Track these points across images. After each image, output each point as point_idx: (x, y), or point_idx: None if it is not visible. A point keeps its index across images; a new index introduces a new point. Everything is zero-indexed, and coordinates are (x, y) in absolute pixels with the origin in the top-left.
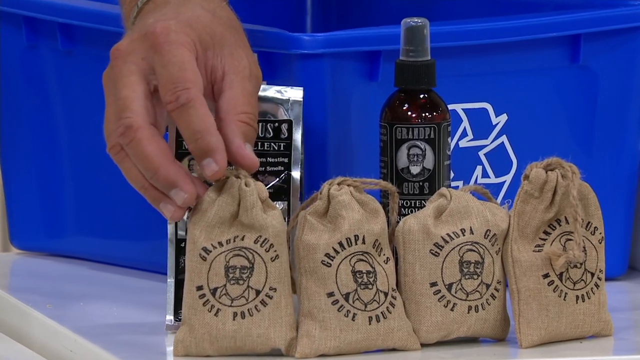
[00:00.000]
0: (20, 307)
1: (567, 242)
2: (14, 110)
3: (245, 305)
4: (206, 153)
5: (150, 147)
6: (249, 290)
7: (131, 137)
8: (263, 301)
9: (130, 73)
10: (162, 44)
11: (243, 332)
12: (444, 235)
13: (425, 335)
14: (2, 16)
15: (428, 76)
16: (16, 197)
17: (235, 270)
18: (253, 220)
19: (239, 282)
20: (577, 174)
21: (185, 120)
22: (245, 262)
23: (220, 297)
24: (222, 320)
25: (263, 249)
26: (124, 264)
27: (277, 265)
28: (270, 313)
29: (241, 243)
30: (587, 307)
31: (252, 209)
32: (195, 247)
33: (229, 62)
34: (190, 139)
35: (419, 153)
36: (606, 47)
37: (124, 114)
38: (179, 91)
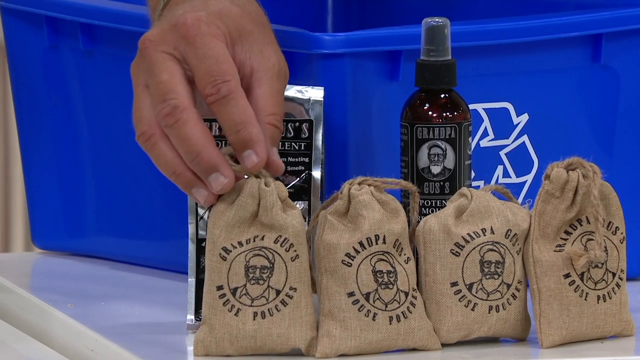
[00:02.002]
0: (42, 306)
1: (588, 242)
2: (35, 109)
3: (266, 305)
4: (247, 144)
5: (196, 129)
6: (269, 290)
7: (177, 118)
8: (283, 301)
9: (165, 59)
10: (195, 35)
11: (263, 332)
12: (464, 235)
13: (445, 335)
14: (24, 16)
15: (449, 76)
16: (38, 197)
17: (256, 270)
18: (273, 220)
19: (259, 282)
20: (599, 173)
21: (226, 112)
22: (265, 262)
23: (241, 297)
24: (242, 320)
25: (283, 249)
26: (145, 264)
27: (297, 265)
28: (291, 313)
29: (261, 243)
30: (608, 307)
31: (271, 209)
32: (215, 247)
33: (258, 59)
34: (232, 130)
35: (440, 153)
36: (627, 47)
37: (169, 95)
38: (219, 84)
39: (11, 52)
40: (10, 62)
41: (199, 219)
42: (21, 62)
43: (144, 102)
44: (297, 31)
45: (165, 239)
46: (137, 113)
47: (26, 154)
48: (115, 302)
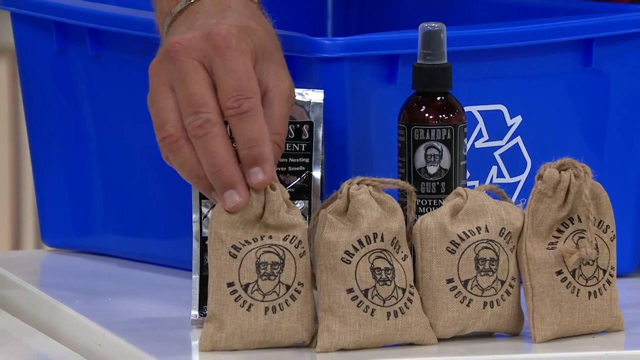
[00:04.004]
0: (51, 302)
1: (580, 240)
2: (44, 112)
3: (277, 299)
4: (257, 162)
5: (222, 144)
6: (280, 285)
7: (208, 131)
8: (292, 296)
9: (197, 69)
10: (226, 47)
11: (274, 326)
12: (460, 233)
13: (441, 330)
14: (34, 22)
15: (445, 79)
16: (47, 197)
17: (267, 266)
18: (281, 221)
19: (270, 278)
20: (590, 173)
21: (243, 127)
22: (276, 258)
23: (252, 292)
24: (254, 315)
25: (292, 246)
26: (151, 261)
27: (304, 262)
28: (299, 307)
29: (269, 241)
30: (599, 303)
31: (278, 212)
32: (225, 246)
33: (274, 80)
34: (245, 145)
35: (436, 153)
36: (618, 51)
37: (203, 108)
38: (241, 99)
39: (21, 56)
40: (20, 66)
41: (203, 217)
42: (31, 66)
43: (168, 102)
44: (298, 36)
45: (170, 237)
46: (161, 114)
47: (36, 155)
48: (122, 298)
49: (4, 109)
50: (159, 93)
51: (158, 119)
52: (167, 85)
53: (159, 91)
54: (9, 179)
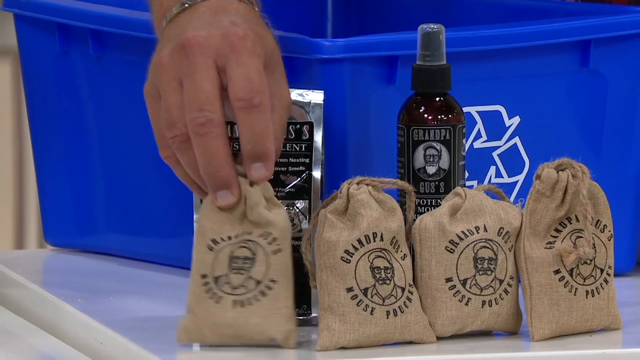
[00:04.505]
0: (53, 301)
1: (578, 240)
2: (47, 112)
3: (245, 294)
4: (260, 158)
5: (221, 145)
6: (250, 280)
7: (209, 131)
8: (262, 292)
9: (208, 67)
10: (242, 47)
11: (241, 320)
12: (458, 233)
13: (440, 328)
14: (37, 23)
15: (444, 80)
16: (50, 196)
17: (238, 260)
18: (259, 217)
19: (241, 272)
20: (587, 173)
21: (251, 121)
22: (248, 252)
23: (223, 285)
24: (222, 307)
25: (266, 242)
26: (152, 260)
27: (279, 259)
28: (269, 304)
29: (248, 237)
30: (596, 302)
31: (255, 207)
32: (205, 238)
33: (275, 88)
34: (251, 140)
35: (435, 154)
36: (615, 52)
37: (208, 107)
38: (254, 93)
39: (24, 57)
40: (23, 67)
41: None
42: (34, 67)
43: (178, 98)
44: (298, 37)
45: (171, 236)
46: (172, 110)
47: (38, 156)
48: (124, 297)
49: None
50: (170, 88)
51: (169, 115)
52: (177, 81)
53: (169, 86)
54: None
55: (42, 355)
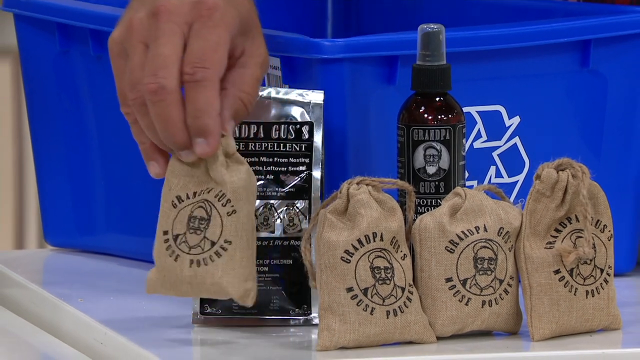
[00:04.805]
0: (53, 301)
1: (578, 240)
2: (47, 112)
3: (201, 254)
4: (201, 133)
5: (175, 113)
6: (205, 240)
7: (162, 98)
8: (217, 252)
9: (173, 33)
10: (208, 18)
11: (198, 279)
12: (458, 233)
13: (440, 328)
14: (37, 23)
15: (444, 80)
16: (50, 196)
17: (195, 221)
18: (215, 175)
19: (197, 232)
20: (587, 173)
21: (193, 96)
22: (203, 213)
23: (180, 244)
24: (180, 265)
25: (220, 204)
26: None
27: (234, 220)
28: (223, 265)
29: (206, 196)
30: (596, 302)
31: (213, 164)
32: (170, 194)
33: (249, 45)
34: (191, 115)
35: (435, 154)
36: (615, 52)
37: (161, 72)
38: (199, 67)
39: (24, 57)
40: (23, 67)
41: None
42: (34, 67)
43: (141, 61)
44: (298, 37)
45: None
46: (134, 72)
47: (38, 156)
48: (124, 297)
49: (7, 109)
50: (137, 50)
51: (132, 76)
52: (144, 44)
53: (136, 48)
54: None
55: (42, 355)
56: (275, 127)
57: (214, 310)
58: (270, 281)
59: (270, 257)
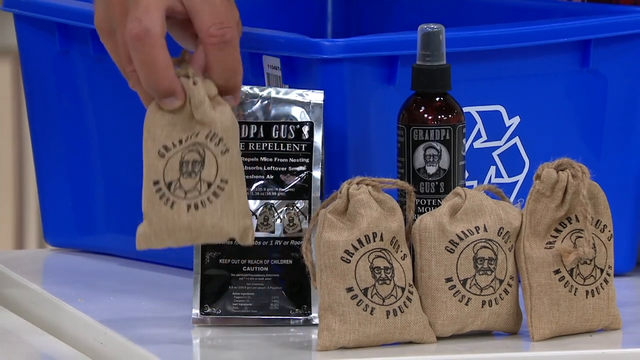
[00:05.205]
0: (54, 301)
1: (578, 240)
2: (47, 112)
3: (198, 197)
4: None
5: (161, 57)
6: (201, 182)
7: (146, 42)
8: (215, 193)
9: None
10: None
11: (197, 223)
12: (458, 233)
13: (440, 328)
14: (37, 23)
15: (444, 80)
16: (50, 196)
17: (188, 165)
18: (202, 116)
19: (192, 176)
20: (587, 174)
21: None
22: (197, 156)
23: (175, 190)
24: (177, 212)
25: (212, 143)
26: (152, 260)
27: (228, 159)
28: (223, 204)
29: (195, 139)
30: (596, 302)
31: (200, 106)
32: (155, 145)
33: None
34: (223, 75)
35: (435, 154)
36: (615, 52)
37: (144, 16)
38: (225, 28)
39: (24, 57)
40: (23, 67)
41: None
42: (34, 67)
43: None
44: (299, 37)
45: None
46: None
47: (38, 156)
48: (124, 297)
49: (7, 109)
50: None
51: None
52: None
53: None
54: (12, 179)
55: (42, 355)
56: (275, 127)
57: (214, 310)
58: (270, 281)
59: (270, 257)
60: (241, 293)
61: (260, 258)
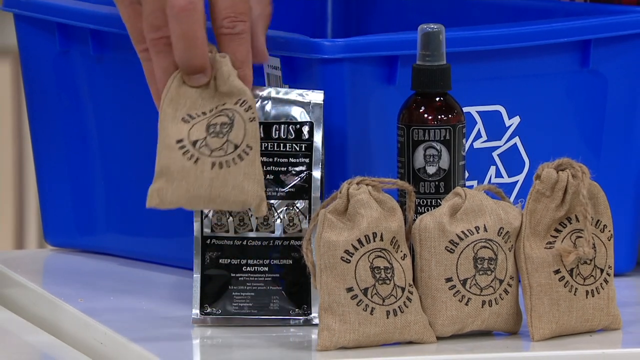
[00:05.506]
0: (54, 300)
1: (578, 240)
2: (47, 113)
3: (224, 156)
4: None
5: (200, 33)
6: (228, 143)
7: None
8: (240, 155)
9: None
10: None
11: (219, 182)
12: (458, 233)
13: (440, 328)
14: (37, 23)
15: (444, 80)
16: (50, 196)
17: (216, 126)
18: (231, 87)
19: (219, 136)
20: (587, 173)
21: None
22: (225, 119)
23: (201, 147)
24: (200, 168)
25: (242, 109)
26: (152, 260)
27: (254, 127)
28: (246, 167)
29: (222, 107)
30: (596, 302)
31: (229, 77)
32: (177, 113)
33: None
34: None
35: (435, 154)
36: (615, 52)
37: None
38: (237, 21)
39: (24, 57)
40: (23, 67)
41: (204, 217)
42: (34, 67)
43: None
44: (299, 37)
45: (171, 236)
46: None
47: (38, 156)
48: (124, 297)
49: (7, 109)
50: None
51: (155, 18)
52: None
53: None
54: (12, 179)
55: (42, 355)
56: (275, 127)
57: (214, 310)
58: (270, 281)
59: (270, 257)
60: (241, 293)
61: (260, 258)
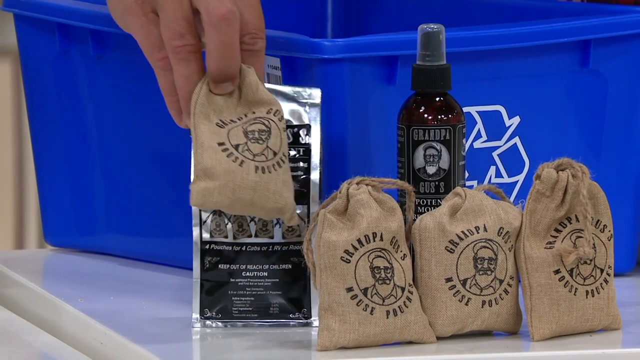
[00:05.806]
0: (54, 301)
1: (578, 240)
2: (47, 112)
3: (265, 162)
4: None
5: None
6: (268, 150)
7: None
8: (278, 163)
9: None
10: None
11: (262, 185)
12: (458, 233)
13: (440, 328)
14: (37, 23)
15: (444, 80)
16: (50, 197)
17: (254, 133)
18: (261, 96)
19: (259, 142)
20: (587, 173)
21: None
22: (262, 127)
23: (244, 151)
24: (246, 170)
25: (277, 118)
26: (152, 260)
27: (286, 137)
28: (284, 175)
29: (253, 115)
30: (596, 302)
31: (258, 87)
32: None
33: None
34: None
35: (435, 154)
36: (615, 52)
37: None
38: (258, 38)
39: (24, 57)
40: (23, 67)
41: (202, 222)
42: (34, 67)
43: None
44: (298, 37)
45: (171, 236)
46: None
47: (38, 156)
48: (124, 297)
49: (7, 109)
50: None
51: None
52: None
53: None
54: (12, 179)
55: (42, 355)
56: None
57: (213, 314)
58: (270, 286)
59: (269, 262)
60: (241, 298)
61: (259, 263)
